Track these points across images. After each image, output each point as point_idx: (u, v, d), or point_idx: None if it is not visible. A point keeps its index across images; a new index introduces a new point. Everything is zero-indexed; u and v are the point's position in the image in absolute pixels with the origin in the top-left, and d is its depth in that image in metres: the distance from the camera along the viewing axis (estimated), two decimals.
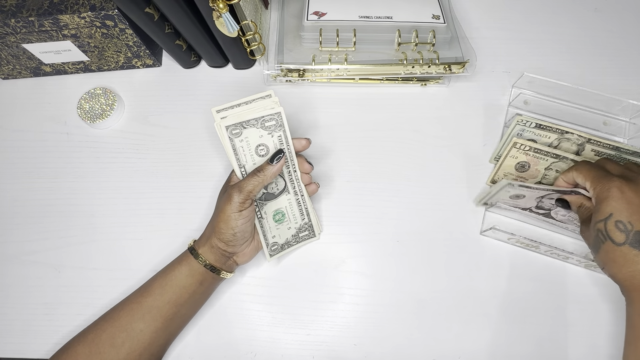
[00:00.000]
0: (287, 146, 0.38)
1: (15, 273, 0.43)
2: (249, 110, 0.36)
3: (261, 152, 0.37)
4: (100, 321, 0.37)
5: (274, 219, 0.40)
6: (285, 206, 0.40)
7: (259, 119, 0.35)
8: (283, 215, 0.40)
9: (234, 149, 0.36)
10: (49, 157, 0.49)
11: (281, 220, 0.40)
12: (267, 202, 0.39)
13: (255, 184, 0.35)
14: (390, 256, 0.43)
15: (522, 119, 0.42)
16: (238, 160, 0.36)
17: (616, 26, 0.54)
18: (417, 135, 0.48)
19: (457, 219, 0.44)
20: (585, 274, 0.42)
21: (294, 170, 0.39)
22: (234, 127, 0.35)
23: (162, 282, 0.37)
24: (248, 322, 0.41)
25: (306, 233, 0.42)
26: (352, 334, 0.40)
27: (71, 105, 0.51)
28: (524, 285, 0.41)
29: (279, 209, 0.40)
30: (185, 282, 0.37)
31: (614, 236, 0.32)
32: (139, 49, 0.49)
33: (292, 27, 0.49)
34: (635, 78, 0.50)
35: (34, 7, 0.43)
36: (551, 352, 0.39)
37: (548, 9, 0.55)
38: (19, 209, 0.46)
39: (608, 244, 0.33)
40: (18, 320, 0.42)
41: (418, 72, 0.46)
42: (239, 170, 0.37)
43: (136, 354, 0.35)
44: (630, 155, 0.42)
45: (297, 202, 0.40)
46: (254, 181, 0.35)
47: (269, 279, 0.42)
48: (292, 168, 0.39)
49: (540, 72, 0.47)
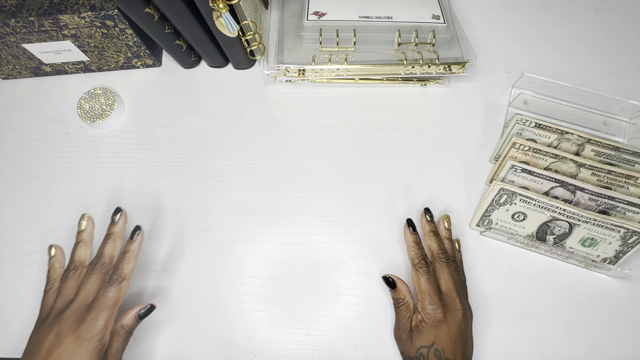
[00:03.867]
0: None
1: (14, 273, 0.43)
2: None
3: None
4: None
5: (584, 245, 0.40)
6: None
7: None
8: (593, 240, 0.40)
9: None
10: (49, 157, 0.49)
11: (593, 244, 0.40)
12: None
13: (119, 293, 0.33)
14: (390, 256, 0.43)
15: (522, 118, 0.42)
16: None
17: (616, 26, 0.54)
18: (417, 135, 0.48)
19: (457, 219, 0.44)
20: (585, 274, 0.42)
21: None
22: None
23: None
24: (248, 322, 0.41)
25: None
26: (352, 334, 0.40)
27: (71, 105, 0.51)
28: (524, 285, 0.41)
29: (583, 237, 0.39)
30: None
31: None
32: (139, 49, 0.49)
33: (292, 27, 0.49)
34: (635, 78, 0.50)
35: (34, 7, 0.43)
36: (551, 352, 0.39)
37: (548, 9, 0.55)
38: (18, 209, 0.46)
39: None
40: (16, 320, 0.42)
41: (418, 72, 0.46)
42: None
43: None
44: (631, 155, 0.42)
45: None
46: (113, 288, 0.33)
47: (269, 279, 0.42)
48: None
49: (540, 72, 0.47)
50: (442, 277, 0.37)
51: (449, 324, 0.35)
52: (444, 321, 0.35)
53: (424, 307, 0.36)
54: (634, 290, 0.41)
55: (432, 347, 0.34)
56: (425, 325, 0.35)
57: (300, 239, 0.44)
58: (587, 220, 0.39)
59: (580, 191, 0.40)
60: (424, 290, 0.36)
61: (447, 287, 0.37)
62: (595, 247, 0.41)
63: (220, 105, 0.50)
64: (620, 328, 0.40)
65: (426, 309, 0.35)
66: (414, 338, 0.35)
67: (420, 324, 0.35)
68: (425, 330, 0.35)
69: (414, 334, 0.36)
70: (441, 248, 0.39)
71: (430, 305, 0.35)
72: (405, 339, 0.36)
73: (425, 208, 0.42)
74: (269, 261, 0.43)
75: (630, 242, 0.39)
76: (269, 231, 0.44)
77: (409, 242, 0.39)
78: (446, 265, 0.38)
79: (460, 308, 0.35)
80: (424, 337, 0.35)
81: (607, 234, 0.39)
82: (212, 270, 0.43)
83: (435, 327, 0.35)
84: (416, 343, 0.35)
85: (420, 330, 0.35)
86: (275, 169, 0.47)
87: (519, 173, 0.41)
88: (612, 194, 0.39)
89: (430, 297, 0.36)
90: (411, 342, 0.35)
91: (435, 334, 0.34)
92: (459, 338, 0.34)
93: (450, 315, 0.35)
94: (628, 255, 0.40)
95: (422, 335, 0.35)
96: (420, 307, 0.36)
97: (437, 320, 0.35)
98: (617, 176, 0.41)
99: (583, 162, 0.41)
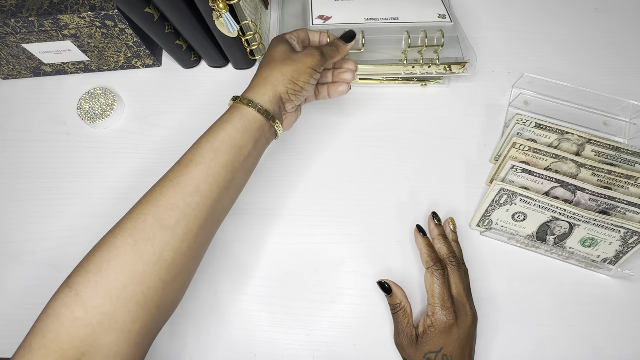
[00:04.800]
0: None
1: (14, 273, 0.43)
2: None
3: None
4: (137, 208, 0.30)
5: (584, 245, 0.40)
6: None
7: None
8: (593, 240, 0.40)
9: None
10: (48, 157, 0.49)
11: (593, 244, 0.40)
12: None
13: (335, 55, 0.37)
14: (390, 256, 0.43)
15: (522, 117, 0.42)
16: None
17: (616, 26, 0.54)
18: (417, 135, 0.48)
19: (457, 219, 0.44)
20: (585, 274, 0.42)
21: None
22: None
23: (214, 145, 0.31)
24: (248, 322, 0.41)
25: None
26: (352, 334, 0.40)
27: (71, 105, 0.51)
28: (524, 285, 0.41)
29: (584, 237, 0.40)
30: (241, 141, 0.32)
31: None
32: (138, 49, 0.49)
33: (292, 27, 0.49)
34: (635, 78, 0.50)
35: (33, 7, 0.43)
36: (551, 352, 0.39)
37: (548, 9, 0.55)
38: (18, 209, 0.46)
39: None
40: (17, 320, 0.42)
41: (418, 72, 0.46)
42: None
43: (193, 233, 0.30)
44: (630, 155, 0.42)
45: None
46: (333, 53, 0.37)
47: (269, 279, 0.42)
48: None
49: (540, 72, 0.47)
50: (453, 281, 0.37)
51: (459, 330, 0.34)
52: (455, 326, 0.34)
53: (435, 311, 0.35)
54: (634, 290, 0.41)
55: (440, 352, 0.34)
56: (434, 331, 0.34)
57: (300, 239, 0.44)
58: (587, 220, 0.39)
59: (580, 191, 0.40)
60: (436, 294, 0.35)
61: (457, 292, 0.36)
62: (595, 247, 0.41)
63: (220, 105, 0.50)
64: (620, 328, 0.40)
65: (437, 313, 0.35)
66: (420, 343, 0.35)
67: (429, 329, 0.35)
68: (433, 335, 0.34)
69: (420, 339, 0.35)
70: (451, 252, 0.38)
71: (442, 311, 0.35)
72: (408, 345, 0.35)
73: (433, 212, 0.42)
74: (268, 261, 0.43)
75: (631, 242, 0.39)
76: (269, 231, 0.44)
77: (421, 245, 0.39)
78: (457, 269, 0.37)
79: (470, 313, 0.35)
80: (432, 343, 0.34)
81: (607, 234, 0.39)
82: (211, 270, 0.43)
83: (444, 333, 0.34)
84: (423, 348, 0.34)
85: (428, 335, 0.34)
86: (275, 168, 0.47)
87: (519, 173, 0.41)
88: (612, 194, 0.39)
89: (442, 302, 0.35)
90: (417, 348, 0.35)
91: (444, 340, 0.34)
92: (466, 343, 0.34)
93: (460, 320, 0.35)
94: (628, 255, 0.40)
95: (430, 340, 0.34)
96: (430, 312, 0.35)
97: (447, 326, 0.34)
98: (617, 176, 0.41)
99: (583, 162, 0.41)
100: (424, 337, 0.35)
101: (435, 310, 0.35)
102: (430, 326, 0.35)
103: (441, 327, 0.34)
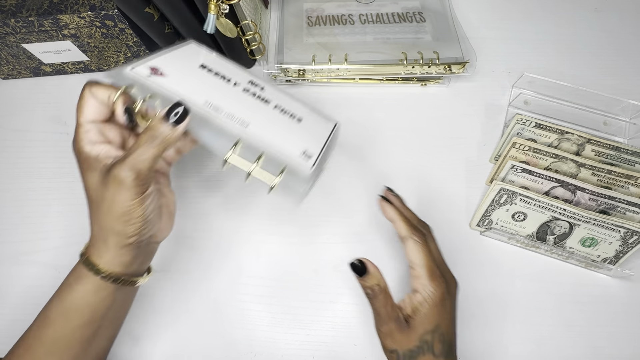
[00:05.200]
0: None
1: (14, 273, 0.43)
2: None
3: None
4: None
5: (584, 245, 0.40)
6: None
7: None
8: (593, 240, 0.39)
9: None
10: (48, 157, 0.49)
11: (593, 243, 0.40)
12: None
13: (153, 153, 0.26)
14: (390, 257, 0.43)
15: (522, 117, 0.42)
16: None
17: (616, 26, 0.54)
18: (417, 135, 0.48)
19: (457, 219, 0.44)
20: (585, 274, 0.42)
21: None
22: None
23: (62, 308, 0.29)
24: (248, 322, 0.41)
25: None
26: (352, 334, 0.40)
27: (71, 105, 0.50)
28: (524, 285, 0.41)
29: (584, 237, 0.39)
30: (94, 300, 0.29)
31: (436, 348, 0.30)
32: (139, 49, 0.49)
33: (292, 26, 0.49)
34: (635, 78, 0.50)
35: (33, 7, 0.43)
36: (551, 352, 0.39)
37: (548, 9, 0.55)
38: (18, 209, 0.46)
39: (428, 356, 0.30)
40: (17, 320, 0.41)
41: (418, 72, 0.46)
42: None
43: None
44: (631, 155, 0.42)
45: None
46: (147, 150, 0.26)
47: (269, 279, 0.42)
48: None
49: (540, 72, 0.47)
50: (432, 247, 0.33)
51: (451, 299, 0.31)
52: (447, 296, 0.30)
53: (425, 284, 0.30)
54: (634, 290, 0.41)
55: (437, 331, 0.30)
56: (428, 306, 0.30)
57: (300, 239, 0.44)
58: (588, 220, 0.39)
59: (580, 191, 0.40)
60: (424, 264, 0.31)
61: (438, 258, 0.32)
62: (595, 247, 0.41)
63: None
64: (620, 328, 0.40)
65: (427, 286, 0.30)
66: (413, 325, 0.30)
67: (422, 306, 0.30)
68: (427, 311, 0.30)
69: (412, 321, 0.30)
70: (418, 218, 0.35)
71: (432, 282, 0.30)
72: (398, 331, 0.30)
73: (386, 186, 0.37)
74: (268, 261, 0.43)
75: (631, 242, 0.39)
76: (269, 231, 0.44)
77: (394, 216, 0.34)
78: (431, 234, 0.34)
79: (454, 278, 0.32)
80: (427, 320, 0.30)
81: (608, 234, 0.39)
82: (211, 270, 0.42)
83: (439, 306, 0.30)
84: (418, 329, 0.30)
85: (421, 313, 0.30)
86: None
87: (519, 173, 0.41)
88: (612, 194, 0.39)
89: (431, 272, 0.31)
90: (409, 332, 0.30)
91: (440, 314, 0.30)
92: (454, 315, 0.31)
93: (450, 288, 0.31)
94: (628, 255, 0.40)
95: (425, 318, 0.30)
96: (418, 286, 0.31)
97: (441, 298, 0.30)
98: (618, 176, 0.41)
99: (583, 162, 0.41)
100: (416, 317, 0.30)
101: (425, 283, 0.30)
102: (422, 302, 0.30)
103: (435, 300, 0.30)
